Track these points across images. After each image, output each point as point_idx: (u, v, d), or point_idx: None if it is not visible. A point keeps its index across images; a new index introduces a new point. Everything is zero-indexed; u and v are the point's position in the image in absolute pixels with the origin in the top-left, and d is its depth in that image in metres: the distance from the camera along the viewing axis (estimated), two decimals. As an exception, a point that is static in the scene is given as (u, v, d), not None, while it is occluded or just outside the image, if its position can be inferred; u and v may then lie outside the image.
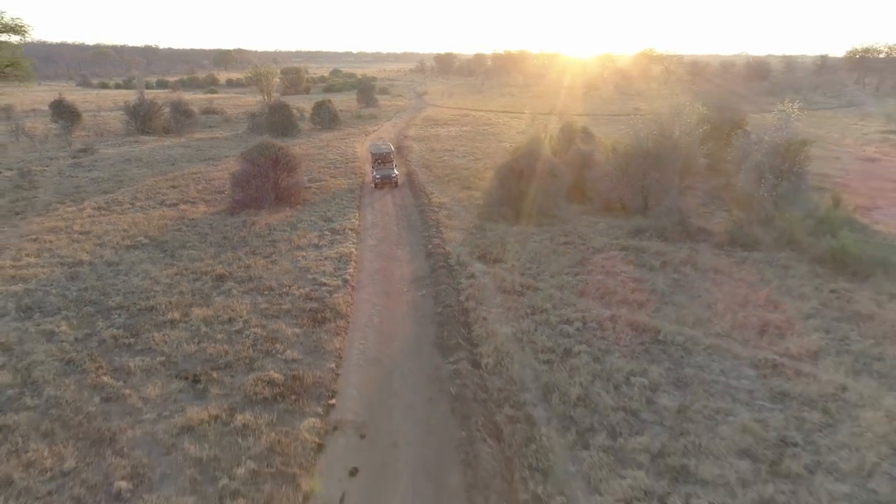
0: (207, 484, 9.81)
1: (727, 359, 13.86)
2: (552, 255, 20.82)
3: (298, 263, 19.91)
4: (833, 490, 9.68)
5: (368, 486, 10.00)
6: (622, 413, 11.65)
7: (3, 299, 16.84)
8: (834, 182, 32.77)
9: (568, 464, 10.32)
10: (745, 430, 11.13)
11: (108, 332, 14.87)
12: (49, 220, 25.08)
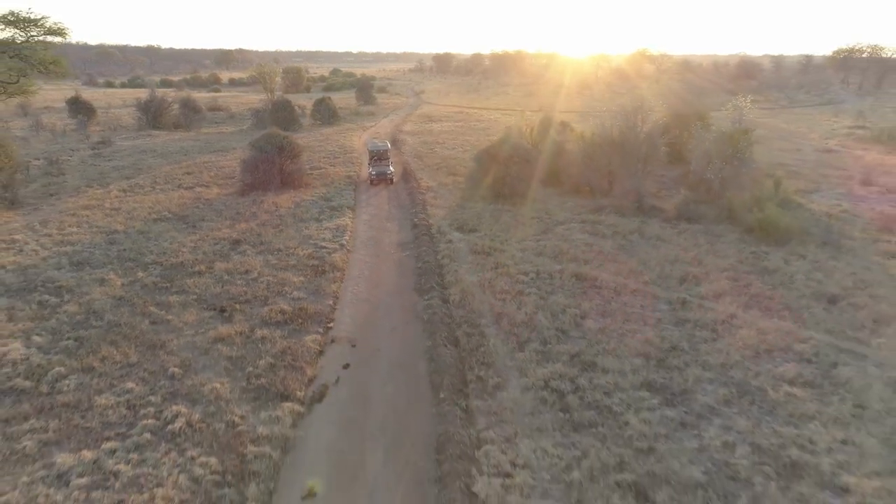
0: (237, 371, 13.33)
1: (648, 298, 17.36)
2: (520, 226, 24.35)
3: (302, 232, 23.45)
4: (700, 376, 13.17)
5: (357, 374, 13.51)
6: (554, 331, 15.15)
7: (57, 257, 20.39)
8: (788, 169, 36.17)
9: (506, 360, 13.83)
10: (646, 342, 14.63)
11: (148, 279, 18.42)
12: (81, 199, 28.62)
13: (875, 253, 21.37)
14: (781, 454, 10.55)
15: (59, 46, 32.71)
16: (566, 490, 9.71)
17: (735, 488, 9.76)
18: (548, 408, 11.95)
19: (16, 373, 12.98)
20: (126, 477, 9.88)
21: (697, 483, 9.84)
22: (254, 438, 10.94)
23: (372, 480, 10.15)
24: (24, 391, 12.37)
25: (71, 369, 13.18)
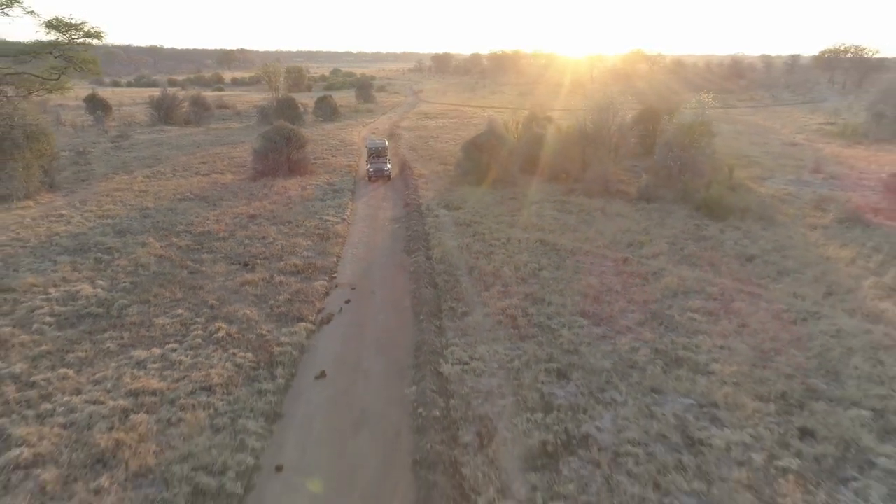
0: (262, 303, 17.06)
1: (597, 257, 21.08)
2: (499, 205, 28.09)
3: (308, 209, 27.21)
4: (625, 307, 16.86)
5: (356, 307, 17.25)
6: (515, 279, 18.88)
7: (101, 227, 24.14)
8: (751, 159, 39.90)
9: (474, 297, 17.56)
10: (588, 286, 18.35)
11: (182, 243, 22.18)
12: (111, 184, 32.37)
13: (801, 226, 25.10)
14: (672, 353, 14.27)
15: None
16: (507, 373, 13.43)
17: (631, 372, 13.47)
18: (502, 327, 15.67)
19: (90, 303, 16.72)
20: (187, 364, 13.62)
21: (604, 369, 13.55)
22: (278, 343, 14.68)
23: (366, 368, 13.89)
24: (99, 315, 16.12)
25: (131, 301, 16.93)
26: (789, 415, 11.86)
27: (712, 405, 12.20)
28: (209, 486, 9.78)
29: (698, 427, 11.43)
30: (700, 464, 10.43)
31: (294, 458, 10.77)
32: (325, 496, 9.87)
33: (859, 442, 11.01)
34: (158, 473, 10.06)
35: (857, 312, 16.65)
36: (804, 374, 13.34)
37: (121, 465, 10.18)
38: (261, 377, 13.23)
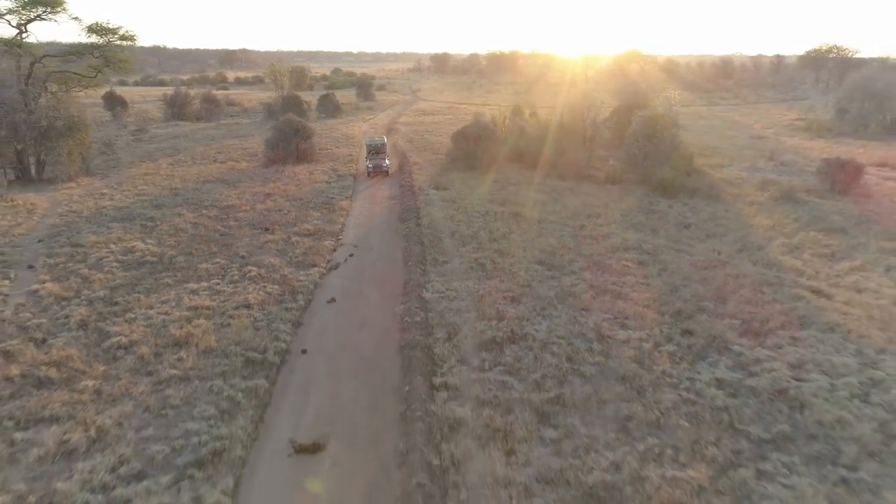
0: (283, 255, 21.37)
1: (559, 225, 25.37)
2: (482, 187, 32.39)
3: (316, 189, 31.56)
4: (574, 258, 21.15)
5: (358, 259, 21.57)
6: (488, 240, 23.15)
7: (139, 202, 28.48)
8: (716, 150, 44.14)
9: (453, 251, 21.86)
10: (547, 244, 22.64)
11: (210, 213, 26.51)
12: (139, 170, 36.70)
13: (740, 203, 29.40)
14: (602, 287, 18.55)
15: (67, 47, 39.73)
16: (473, 299, 17.70)
17: (568, 298, 17.74)
18: (473, 271, 19.96)
19: (144, 255, 21.04)
20: (229, 291, 17.94)
21: (548, 296, 17.83)
22: (298, 280, 18.99)
23: (366, 295, 18.21)
24: (154, 262, 20.44)
25: (178, 253, 21.26)
26: (679, 323, 16.15)
27: (624, 318, 16.49)
28: (256, 358, 14.08)
29: (609, 329, 15.71)
30: (604, 349, 14.72)
31: (314, 345, 15.08)
32: (336, 369, 14.15)
33: (724, 337, 15.31)
34: (220, 351, 14.37)
35: (759, 262, 20.97)
36: (699, 299, 17.64)
37: (192, 346, 14.50)
38: (286, 300, 17.54)
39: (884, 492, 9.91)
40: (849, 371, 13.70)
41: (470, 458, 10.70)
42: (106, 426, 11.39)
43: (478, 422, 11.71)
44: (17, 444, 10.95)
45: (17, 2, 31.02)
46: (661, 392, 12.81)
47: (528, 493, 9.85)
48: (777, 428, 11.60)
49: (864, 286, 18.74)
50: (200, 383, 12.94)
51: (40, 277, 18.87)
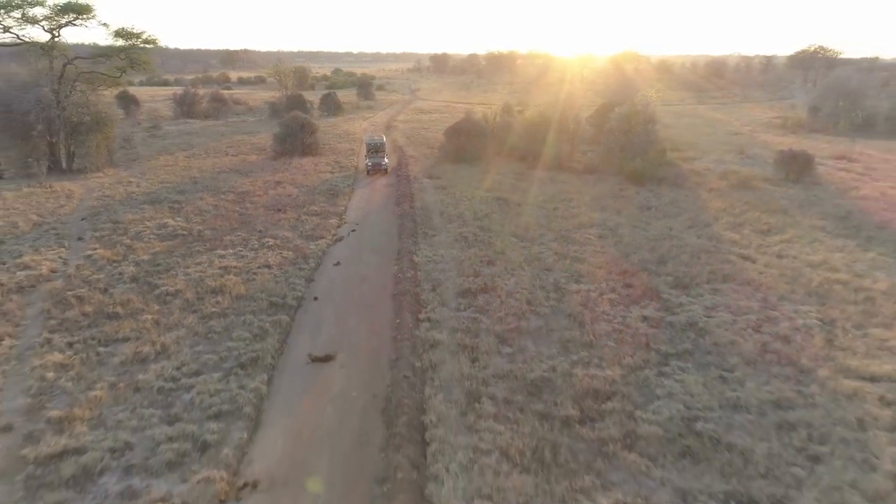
0: (295, 230, 24.98)
1: (536, 207, 28.96)
2: (470, 176, 36.00)
3: (321, 178, 35.19)
4: (545, 233, 24.73)
5: (359, 233, 25.19)
6: (472, 218, 26.75)
7: (163, 188, 32.11)
8: (691, 144, 47.72)
9: (441, 227, 25.46)
10: (523, 222, 26.22)
11: (228, 197, 30.12)
12: (158, 162, 40.32)
13: (701, 189, 32.99)
14: (565, 253, 22.11)
15: (73, 48, 42.70)
16: (455, 262, 21.26)
17: (534, 262, 21.31)
18: (457, 242, 23.55)
19: (176, 229, 24.65)
20: (251, 256, 21.53)
21: (519, 260, 21.41)
22: (308, 249, 22.58)
23: (366, 260, 21.82)
24: (185, 234, 24.05)
25: (204, 228, 24.87)
26: (623, 279, 19.73)
27: (580, 276, 20.07)
28: (278, 301, 17.67)
29: (565, 283, 19.30)
30: (558, 296, 18.30)
31: (323, 294, 18.68)
32: (342, 310, 17.73)
33: (657, 289, 18.88)
34: (248, 296, 17.98)
35: (703, 235, 24.57)
36: (644, 263, 21.23)
37: (226, 293, 18.10)
38: (299, 263, 21.14)
39: (747, 382, 13.47)
40: (750, 311, 17.28)
41: (444, 363, 14.28)
42: (167, 343, 15.00)
43: (451, 341, 15.31)
44: (101, 355, 14.55)
45: (51, 9, 34.67)
46: (597, 325, 16.39)
47: (485, 383, 13.41)
48: (681, 347, 15.18)
49: (786, 253, 22.33)
50: (236, 317, 16.55)
51: (91, 246, 22.51)
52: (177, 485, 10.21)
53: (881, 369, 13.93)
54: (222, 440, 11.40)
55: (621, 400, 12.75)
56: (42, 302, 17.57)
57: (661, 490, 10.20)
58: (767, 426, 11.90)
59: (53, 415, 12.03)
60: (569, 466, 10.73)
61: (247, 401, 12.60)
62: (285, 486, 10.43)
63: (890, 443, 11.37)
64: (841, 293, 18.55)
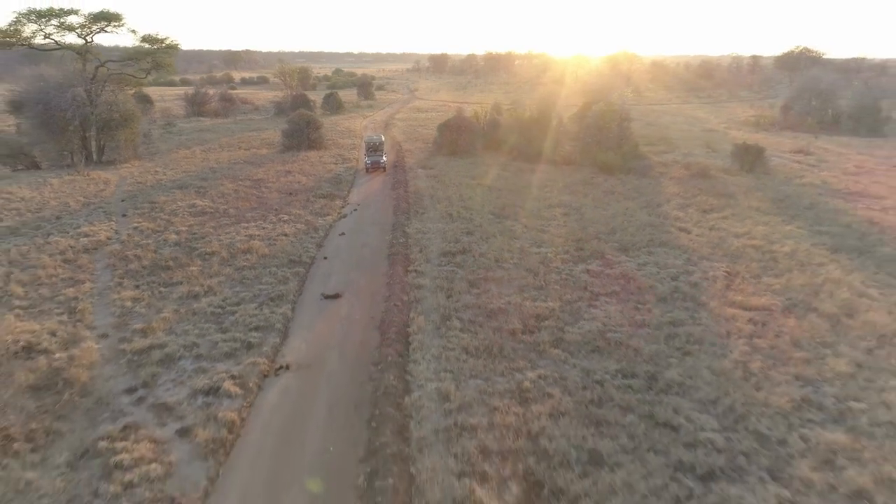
0: (305, 208, 29.50)
1: (514, 192, 33.44)
2: (460, 167, 40.52)
3: (326, 168, 39.73)
4: (518, 211, 29.23)
5: (360, 212, 29.72)
6: (458, 200, 31.25)
7: (188, 176, 36.65)
8: (665, 139, 52.19)
9: (430, 207, 29.97)
10: (502, 202, 30.71)
11: (245, 183, 34.65)
12: (178, 155, 44.87)
13: (663, 178, 37.46)
14: (532, 226, 26.58)
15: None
16: (441, 233, 25.74)
17: (507, 232, 25.79)
18: (443, 218, 28.03)
19: (204, 207, 29.16)
20: (270, 228, 26.03)
21: (493, 231, 25.89)
22: (317, 223, 27.10)
23: (367, 231, 26.36)
24: (212, 212, 28.56)
25: (228, 208, 29.39)
26: (576, 244, 24.19)
27: (542, 242, 24.53)
28: (295, 258, 22.17)
29: (529, 248, 23.77)
30: (521, 257, 22.76)
31: (331, 255, 23.18)
32: (346, 265, 22.21)
33: (603, 252, 23.34)
34: (271, 255, 22.48)
35: (653, 214, 29.05)
36: (598, 233, 25.70)
37: (253, 252, 22.62)
38: (311, 232, 25.65)
39: (654, 310, 17.93)
40: (674, 266, 21.75)
41: (425, 298, 18.77)
42: (212, 285, 19.52)
43: (432, 285, 19.80)
44: (163, 292, 19.07)
45: (86, 17, 39.24)
46: (549, 275, 20.86)
47: (455, 311, 17.88)
48: (611, 289, 19.66)
49: (718, 227, 26.81)
50: (263, 269, 21.07)
51: (135, 220, 27.06)
52: (233, 366, 14.69)
53: (758, 302, 18.42)
54: (262, 342, 15.89)
55: (556, 320, 17.24)
56: (106, 259, 22.11)
57: (573, 369, 14.67)
58: (659, 335, 16.36)
59: (137, 327, 16.57)
60: (509, 356, 15.21)
61: (277, 320, 17.11)
62: (308, 369, 14.93)
63: (743, 344, 15.84)
64: (751, 254, 23.04)
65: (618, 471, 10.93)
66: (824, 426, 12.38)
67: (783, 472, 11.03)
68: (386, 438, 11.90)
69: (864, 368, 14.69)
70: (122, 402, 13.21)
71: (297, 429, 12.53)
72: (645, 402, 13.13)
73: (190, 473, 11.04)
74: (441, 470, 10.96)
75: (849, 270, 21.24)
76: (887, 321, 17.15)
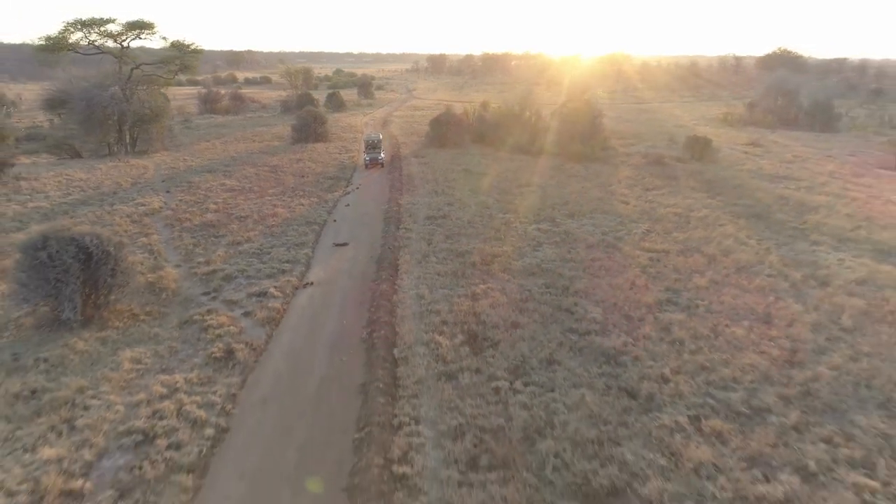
0: (316, 187, 36.02)
1: (491, 176, 39.92)
2: (448, 157, 47.04)
3: (331, 156, 46.28)
4: (492, 190, 35.72)
5: (362, 190, 36.28)
6: (444, 181, 37.75)
7: (213, 163, 43.18)
8: (636, 134, 58.65)
9: (420, 186, 36.47)
10: (481, 183, 37.21)
11: (263, 168, 41.19)
12: (200, 146, 51.41)
13: (622, 165, 43.94)
14: (503, 200, 33.05)
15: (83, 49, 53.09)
16: (427, 204, 32.20)
17: (482, 205, 32.27)
18: (430, 194, 34.51)
19: (232, 186, 35.64)
20: (289, 200, 32.53)
21: (470, 203, 32.37)
22: (327, 197, 33.60)
23: (366, 204, 32.92)
24: (239, 189, 35.05)
25: (251, 187, 35.89)
26: (535, 212, 30.63)
27: (507, 210, 30.98)
28: (311, 220, 28.68)
29: (496, 214, 30.22)
30: (489, 220, 29.21)
31: (339, 219, 29.69)
32: (352, 225, 28.67)
33: (554, 217, 29.82)
34: (292, 219, 28.98)
35: (604, 191, 35.54)
36: (553, 205, 32.13)
37: (278, 216, 29.14)
38: (321, 204, 32.15)
39: (580, 252, 24.35)
40: (607, 226, 28.21)
41: (411, 244, 25.25)
42: (251, 236, 26.03)
43: (417, 237, 26.28)
44: (214, 241, 25.56)
45: (123, 26, 45.79)
46: (508, 232, 27.29)
47: (433, 252, 24.30)
48: (552, 240, 26.12)
49: (653, 200, 33.27)
50: (287, 227, 27.58)
51: (178, 195, 33.57)
52: (273, 282, 21.13)
53: (660, 247, 24.89)
54: (292, 270, 22.38)
55: (506, 258, 23.70)
56: (163, 221, 28.64)
57: (512, 284, 21.10)
58: (580, 267, 22.82)
59: (201, 260, 23.08)
60: (469, 277, 21.68)
61: (302, 258, 23.62)
62: (326, 284, 21.41)
63: (639, 271, 22.27)
64: (671, 218, 29.53)
65: (527, 329, 17.41)
66: (672, 312, 18.84)
67: (634, 332, 17.49)
68: (380, 316, 18.39)
69: (719, 284, 21.16)
70: (202, 299, 19.71)
71: (320, 314, 19.03)
72: (556, 300, 19.60)
73: (254, 333, 17.48)
74: (414, 330, 17.46)
75: (741, 228, 27.76)
76: (750, 259, 23.65)
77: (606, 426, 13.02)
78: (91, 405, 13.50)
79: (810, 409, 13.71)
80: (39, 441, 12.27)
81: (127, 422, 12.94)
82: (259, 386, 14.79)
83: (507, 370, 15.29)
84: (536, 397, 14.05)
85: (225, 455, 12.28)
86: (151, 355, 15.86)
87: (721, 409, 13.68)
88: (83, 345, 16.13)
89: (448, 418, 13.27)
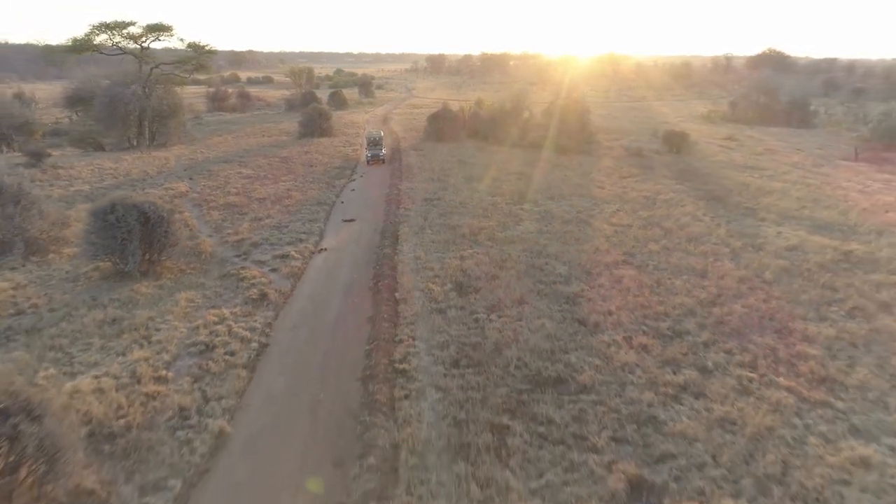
0: (324, 175, 40.07)
1: (483, 167, 43.96)
2: (444, 150, 51.09)
3: (336, 149, 50.37)
4: (476, 177, 39.77)
5: (365, 178, 40.36)
6: (439, 171, 41.82)
7: (228, 154, 47.22)
8: (622, 130, 62.67)
9: (417, 175, 40.53)
10: (473, 172, 41.26)
11: (275, 159, 45.23)
12: (213, 141, 55.44)
13: (605, 157, 47.98)
14: (493, 185, 37.09)
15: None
16: (423, 189, 36.23)
17: (472, 189, 36.30)
18: (427, 181, 38.54)
19: (248, 174, 39.68)
20: (301, 185, 36.59)
21: (463, 189, 36.40)
22: (334, 183, 37.64)
23: (369, 190, 36.96)
24: (255, 176, 39.11)
25: (267, 175, 39.92)
26: (519, 195, 34.66)
27: (495, 194, 35.00)
28: (322, 201, 32.73)
29: (485, 197, 34.24)
30: (479, 202, 33.22)
31: (346, 200, 33.76)
32: (357, 206, 32.71)
33: (536, 199, 33.85)
34: (305, 200, 33.05)
35: (584, 178, 39.58)
36: (537, 190, 36.16)
37: (293, 198, 33.18)
38: (330, 188, 36.18)
39: (556, 226, 28.39)
40: (582, 207, 32.23)
41: (410, 219, 29.28)
42: (271, 213, 30.07)
43: (415, 214, 30.32)
44: (239, 217, 29.59)
45: (143, 29, 49.84)
46: (494, 211, 31.33)
47: (429, 225, 28.33)
48: (533, 217, 30.15)
49: (626, 186, 37.31)
50: (301, 206, 31.62)
51: (202, 181, 37.61)
52: (293, 248, 25.15)
53: (624, 222, 28.95)
54: (308, 239, 26.42)
55: (491, 230, 27.73)
56: (192, 202, 32.65)
57: (494, 250, 25.10)
58: (554, 237, 26.84)
59: (230, 231, 27.13)
60: (458, 244, 25.70)
61: (315, 230, 27.67)
62: (338, 250, 25.45)
63: (603, 240, 26.29)
64: (638, 199, 33.58)
65: (504, 280, 21.45)
66: (625, 269, 22.87)
67: (592, 282, 21.52)
68: (384, 271, 22.45)
69: (669, 250, 25.20)
70: (234, 260, 23.76)
71: (334, 271, 23.09)
72: (530, 260, 23.65)
73: (281, 284, 21.50)
74: (412, 280, 21.51)
75: (699, 207, 31.82)
76: (702, 231, 27.70)
77: (559, 342, 17.07)
78: (161, 328, 17.55)
79: (720, 333, 17.76)
80: (127, 349, 16.30)
81: (191, 338, 16.99)
82: (289, 317, 18.85)
83: (486, 307, 19.34)
84: (507, 324, 18.10)
85: (268, 359, 16.33)
86: (201, 297, 19.92)
87: (650, 332, 17.72)
88: (145, 289, 20.18)
89: (437, 337, 17.32)
